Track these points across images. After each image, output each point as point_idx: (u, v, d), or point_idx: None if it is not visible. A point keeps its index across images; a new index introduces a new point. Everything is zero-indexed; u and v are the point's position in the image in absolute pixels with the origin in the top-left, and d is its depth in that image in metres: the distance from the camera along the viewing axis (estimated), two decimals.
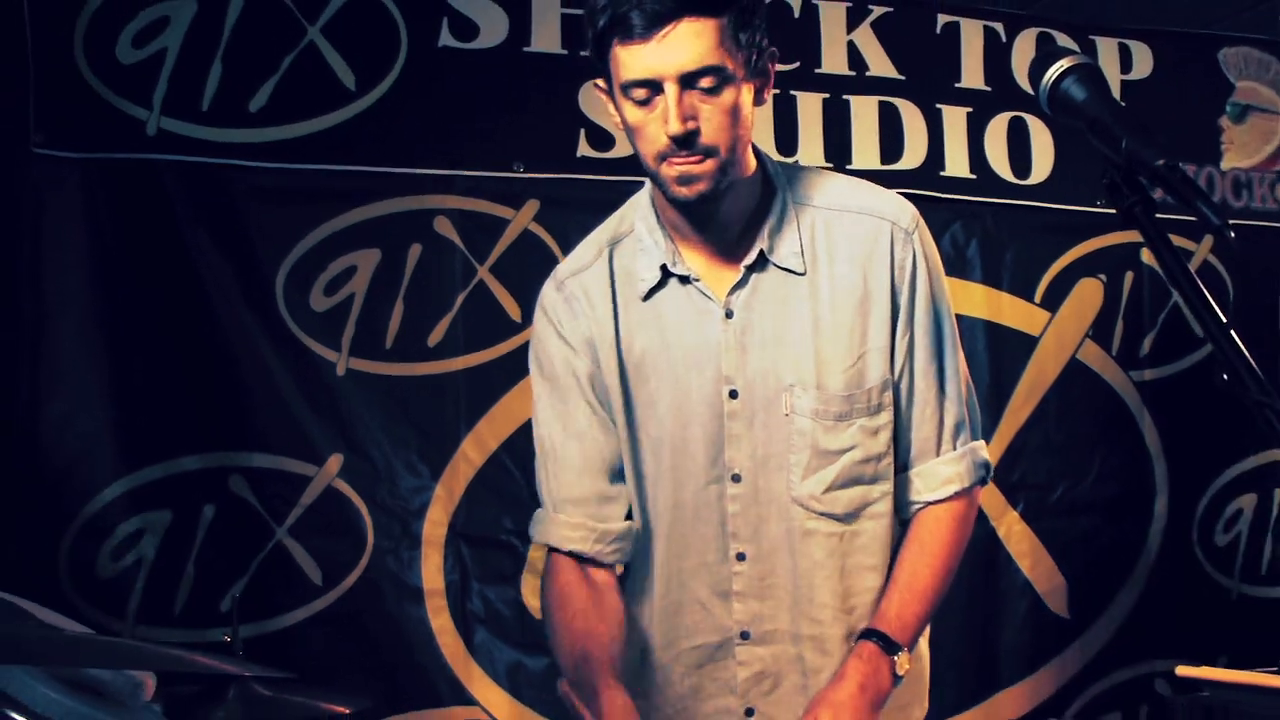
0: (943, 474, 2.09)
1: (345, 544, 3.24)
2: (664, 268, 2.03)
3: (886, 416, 2.05)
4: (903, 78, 3.68)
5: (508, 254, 3.35)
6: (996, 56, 3.76)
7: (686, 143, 1.84)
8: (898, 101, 3.66)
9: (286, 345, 3.21)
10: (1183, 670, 2.94)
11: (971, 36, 3.75)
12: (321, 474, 3.21)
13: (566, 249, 2.29)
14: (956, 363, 2.11)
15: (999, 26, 3.77)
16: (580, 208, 3.13)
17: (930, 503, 2.09)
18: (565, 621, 2.06)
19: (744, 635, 2.06)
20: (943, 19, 3.73)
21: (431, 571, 3.28)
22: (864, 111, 3.61)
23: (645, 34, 1.80)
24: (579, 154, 3.39)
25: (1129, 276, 3.91)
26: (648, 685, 2.12)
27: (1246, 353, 1.42)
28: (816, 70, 3.57)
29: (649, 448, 2.09)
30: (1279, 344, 4.08)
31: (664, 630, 2.12)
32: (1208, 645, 3.40)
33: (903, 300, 2.04)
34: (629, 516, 2.14)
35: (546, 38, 3.37)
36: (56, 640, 2.76)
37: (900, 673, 1.99)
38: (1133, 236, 3.72)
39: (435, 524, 3.28)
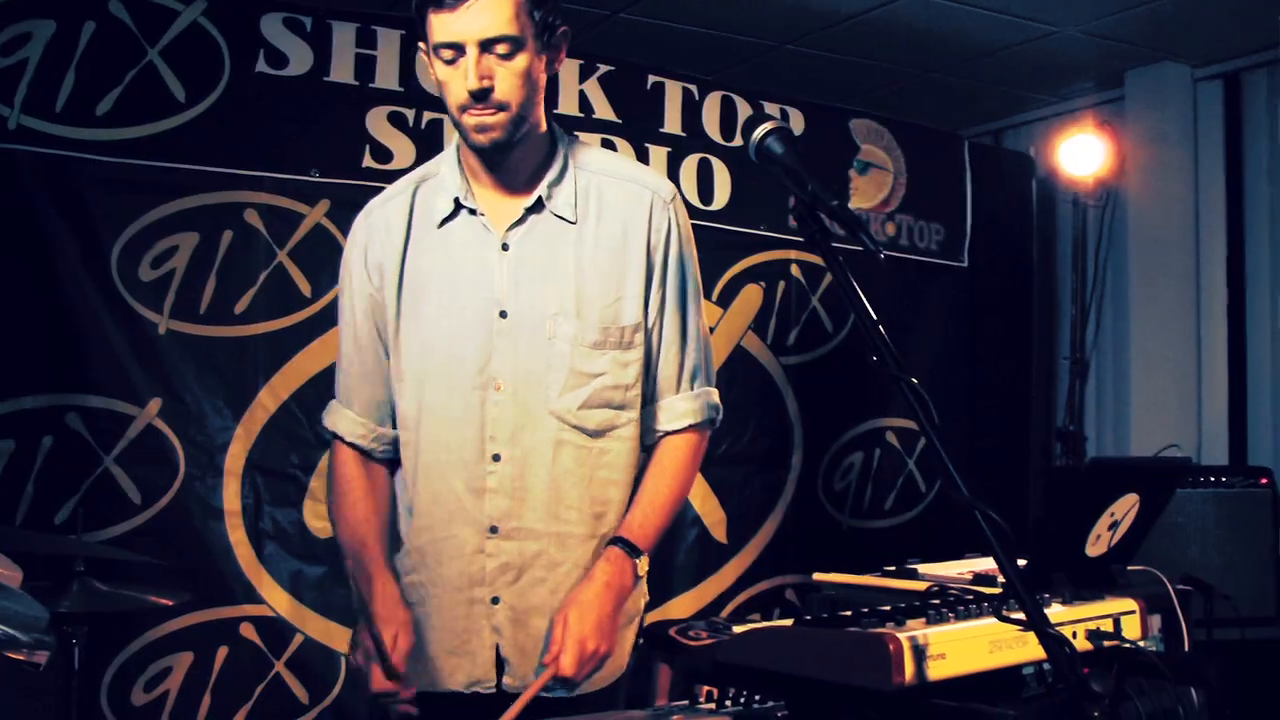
0: (680, 409, 2.30)
1: (161, 471, 3.66)
2: (456, 200, 2.21)
3: (636, 355, 2.24)
4: (620, 121, 4.37)
5: (303, 242, 3.83)
6: (691, 110, 4.52)
7: (482, 96, 2.05)
8: (616, 139, 4.34)
9: (118, 308, 3.61)
10: (818, 576, 3.80)
11: (673, 94, 4.50)
12: (144, 414, 3.64)
13: None
14: (698, 319, 2.33)
15: (694, 88, 4.54)
16: (362, 207, 3.63)
17: (669, 432, 2.30)
18: (346, 509, 2.28)
19: (493, 530, 2.19)
20: (651, 78, 4.47)
21: (231, 496, 3.74)
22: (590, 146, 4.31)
23: (453, 4, 2.01)
24: (364, 165, 3.91)
25: (781, 285, 4.75)
26: (413, 568, 2.27)
27: (889, 340, 1.68)
28: (554, 110, 4.18)
29: (421, 354, 2.22)
30: None
31: (425, 518, 2.24)
32: (825, 562, 3.80)
33: (657, 259, 2.25)
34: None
35: (342, 71, 3.88)
36: None
37: (641, 574, 2.21)
38: (785, 254, 4.70)
39: (235, 457, 3.74)
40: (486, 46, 2.04)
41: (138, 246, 3.66)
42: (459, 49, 2.05)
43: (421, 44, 2.15)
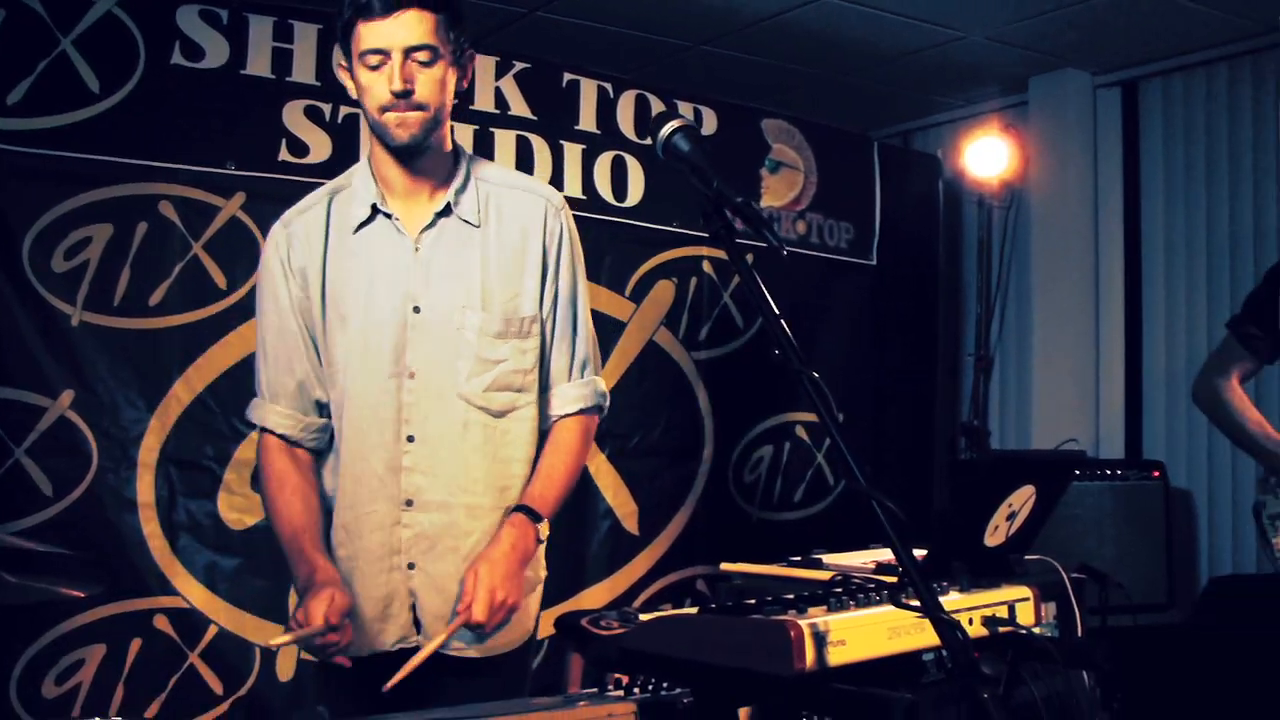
0: (571, 395, 2.57)
1: (74, 463, 3.62)
2: (374, 206, 2.44)
3: (534, 343, 2.50)
4: (535, 118, 4.40)
5: (218, 235, 3.81)
6: (606, 108, 4.56)
7: (405, 95, 2.30)
8: (531, 136, 4.37)
9: (30, 299, 3.57)
10: (725, 566, 3.86)
11: (588, 92, 4.54)
12: (55, 406, 3.60)
13: (265, 232, 2.59)
14: (586, 314, 2.59)
15: (609, 86, 4.58)
16: (279, 200, 3.29)
17: (562, 416, 2.56)
18: (281, 505, 2.44)
19: (408, 503, 2.42)
20: (567, 76, 4.50)
21: (144, 488, 3.71)
22: (504, 142, 4.30)
23: (383, 14, 2.27)
24: (280, 158, 3.90)
25: (694, 281, 4.81)
26: (340, 543, 2.47)
27: (791, 336, 1.73)
28: (470, 107, 4.23)
29: (344, 348, 2.43)
30: None
31: (349, 497, 2.46)
32: (736, 553, 3.73)
33: (551, 259, 2.51)
34: (326, 413, 2.50)
35: (259, 64, 3.87)
36: None
37: (542, 538, 2.47)
38: (697, 250, 4.77)
39: (149, 450, 3.72)
40: (409, 53, 2.30)
41: (50, 237, 3.63)
42: (385, 54, 2.30)
43: (341, 61, 2.39)
